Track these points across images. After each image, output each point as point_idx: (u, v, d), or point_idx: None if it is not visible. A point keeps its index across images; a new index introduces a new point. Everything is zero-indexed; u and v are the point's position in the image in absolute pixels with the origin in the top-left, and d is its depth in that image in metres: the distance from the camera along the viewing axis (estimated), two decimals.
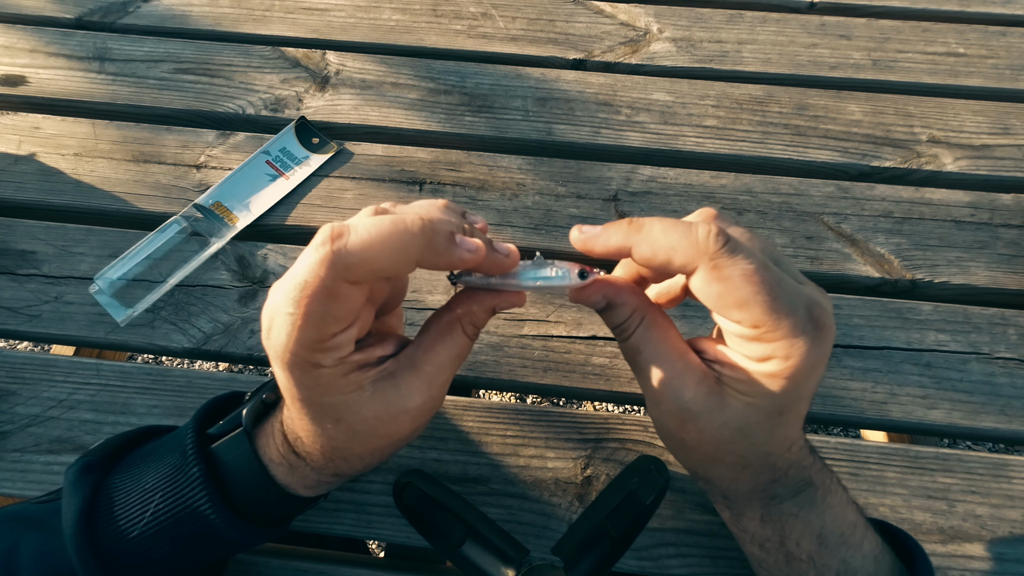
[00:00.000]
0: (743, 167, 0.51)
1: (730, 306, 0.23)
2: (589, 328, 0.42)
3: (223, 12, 0.60)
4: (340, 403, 0.24)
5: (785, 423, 0.25)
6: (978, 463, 0.38)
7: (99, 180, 0.48)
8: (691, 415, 0.25)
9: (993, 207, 0.48)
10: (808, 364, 0.23)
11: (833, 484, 0.27)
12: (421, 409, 0.25)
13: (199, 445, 0.27)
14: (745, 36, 0.59)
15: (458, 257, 0.23)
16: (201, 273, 0.44)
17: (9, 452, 0.37)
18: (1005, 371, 0.41)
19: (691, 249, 0.23)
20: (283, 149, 0.50)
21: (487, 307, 0.26)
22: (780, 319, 0.22)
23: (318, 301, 0.21)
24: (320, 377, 0.23)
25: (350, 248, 0.21)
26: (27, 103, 0.54)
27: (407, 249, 0.21)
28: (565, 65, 0.58)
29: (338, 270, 0.21)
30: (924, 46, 0.58)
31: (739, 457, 0.25)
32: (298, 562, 0.35)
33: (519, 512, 0.36)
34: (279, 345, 0.22)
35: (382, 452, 0.27)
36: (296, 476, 0.27)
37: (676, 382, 0.25)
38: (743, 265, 0.22)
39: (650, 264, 0.24)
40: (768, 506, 0.27)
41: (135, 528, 0.26)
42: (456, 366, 0.26)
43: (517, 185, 0.49)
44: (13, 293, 0.43)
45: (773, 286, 0.22)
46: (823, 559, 0.26)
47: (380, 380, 0.24)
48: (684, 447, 0.27)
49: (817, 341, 0.23)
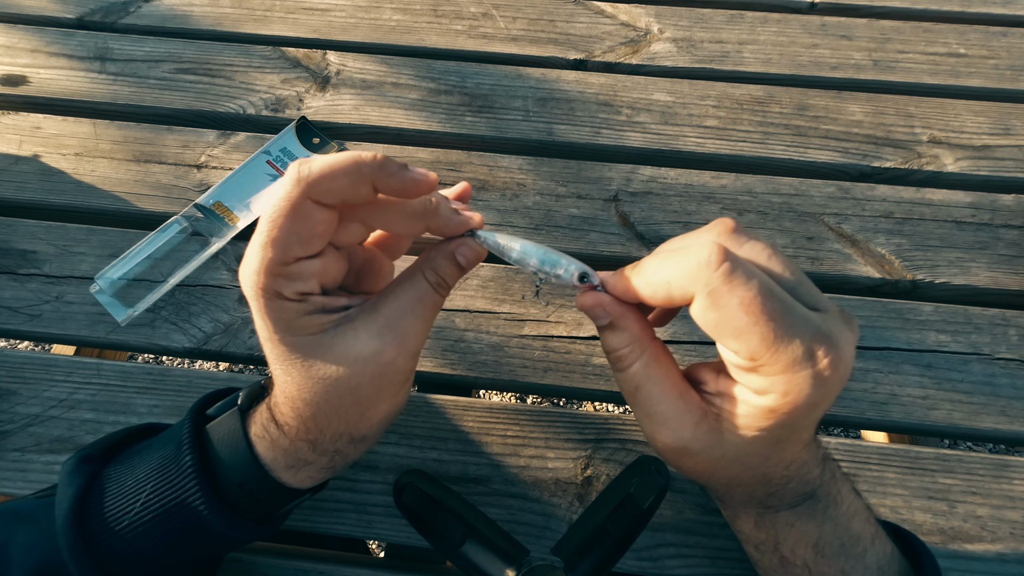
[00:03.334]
0: (744, 167, 0.51)
1: (727, 335, 0.22)
2: (589, 328, 0.42)
3: (224, 12, 0.60)
4: (304, 344, 0.24)
5: (782, 450, 0.24)
6: (979, 464, 0.38)
7: (100, 180, 0.49)
8: (688, 452, 0.25)
9: (994, 208, 0.48)
10: (808, 402, 0.21)
11: (840, 495, 0.27)
12: (381, 357, 0.24)
13: (195, 434, 0.27)
14: (746, 36, 0.59)
15: (410, 179, 0.24)
16: (202, 273, 0.44)
17: (9, 451, 0.37)
18: (1006, 372, 0.41)
19: (686, 278, 0.22)
20: (284, 149, 0.50)
21: (445, 252, 0.26)
22: (778, 353, 0.21)
23: (285, 218, 0.22)
24: (283, 310, 0.24)
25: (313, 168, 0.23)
26: (28, 103, 0.54)
27: (361, 169, 0.23)
28: (566, 65, 0.58)
29: (302, 187, 0.22)
30: (925, 46, 0.58)
31: (733, 477, 0.26)
32: (298, 562, 0.35)
33: (519, 512, 0.36)
34: (248, 269, 0.23)
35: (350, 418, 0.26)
36: (277, 451, 0.26)
37: (675, 422, 0.24)
38: (741, 292, 0.21)
39: (654, 302, 0.24)
40: (762, 514, 0.27)
41: (124, 519, 0.25)
42: (421, 313, 0.26)
43: (517, 185, 0.49)
44: (14, 293, 0.43)
45: (773, 316, 0.21)
46: (819, 567, 0.26)
47: (341, 324, 0.25)
48: (680, 469, 0.27)
49: (820, 379, 0.21)
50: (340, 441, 0.26)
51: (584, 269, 0.26)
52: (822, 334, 0.21)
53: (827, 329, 0.21)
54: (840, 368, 0.21)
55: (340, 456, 0.27)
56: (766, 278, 0.22)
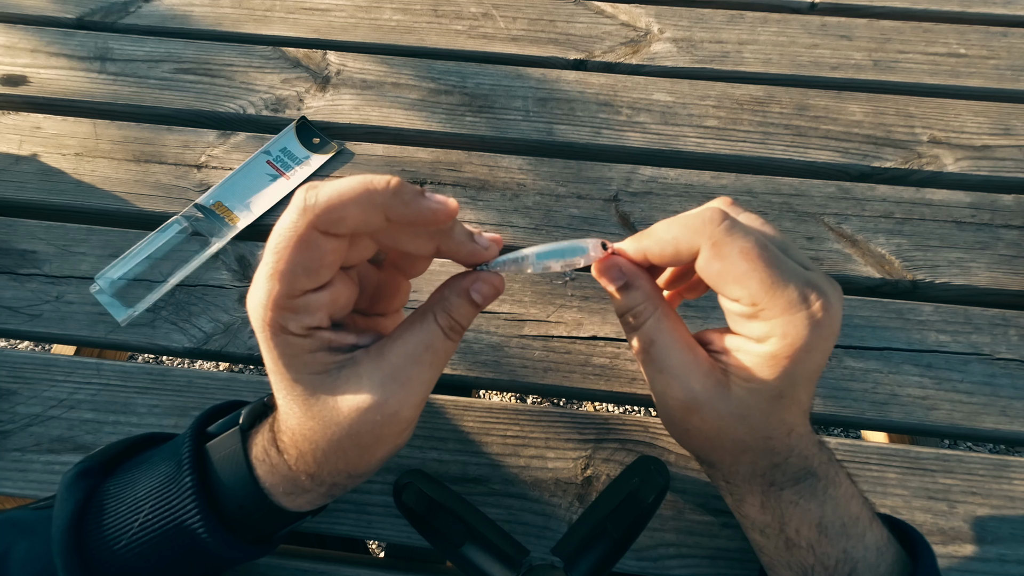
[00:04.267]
0: (744, 167, 0.51)
1: (729, 282, 0.24)
2: (589, 328, 0.42)
3: (224, 12, 0.60)
4: (307, 382, 0.24)
5: (783, 407, 0.25)
6: (979, 464, 0.38)
7: (100, 180, 0.49)
8: (697, 405, 0.26)
9: (994, 208, 0.48)
10: (806, 344, 0.23)
11: (838, 477, 0.28)
12: (384, 408, 0.23)
13: (195, 453, 0.26)
14: (746, 36, 0.59)
15: (426, 208, 0.22)
16: (202, 273, 0.44)
17: (10, 451, 0.37)
18: (1006, 372, 0.41)
19: (692, 234, 0.24)
20: (284, 149, 0.50)
21: (459, 290, 0.25)
22: (776, 296, 0.23)
23: (292, 249, 0.22)
24: (288, 345, 0.23)
25: (320, 196, 0.22)
26: (28, 103, 0.54)
27: (373, 197, 0.22)
28: (566, 65, 0.58)
29: (309, 217, 0.21)
30: (925, 47, 0.58)
31: (738, 442, 0.26)
32: (298, 562, 0.35)
33: (519, 512, 0.36)
34: (254, 302, 0.23)
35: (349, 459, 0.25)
36: (276, 477, 0.26)
37: (685, 374, 0.26)
38: (741, 243, 0.24)
39: (663, 260, 0.26)
40: (767, 492, 0.27)
41: (123, 538, 0.25)
42: (430, 361, 0.25)
43: (518, 185, 0.49)
44: (14, 293, 0.43)
45: (769, 264, 0.23)
46: (823, 547, 0.27)
47: (345, 367, 0.24)
48: (687, 433, 0.28)
49: (815, 321, 0.23)
50: (338, 476, 0.26)
51: (598, 240, 0.28)
52: (812, 283, 0.24)
53: (816, 280, 0.24)
54: (832, 313, 0.24)
55: (338, 488, 0.27)
56: (762, 234, 0.25)
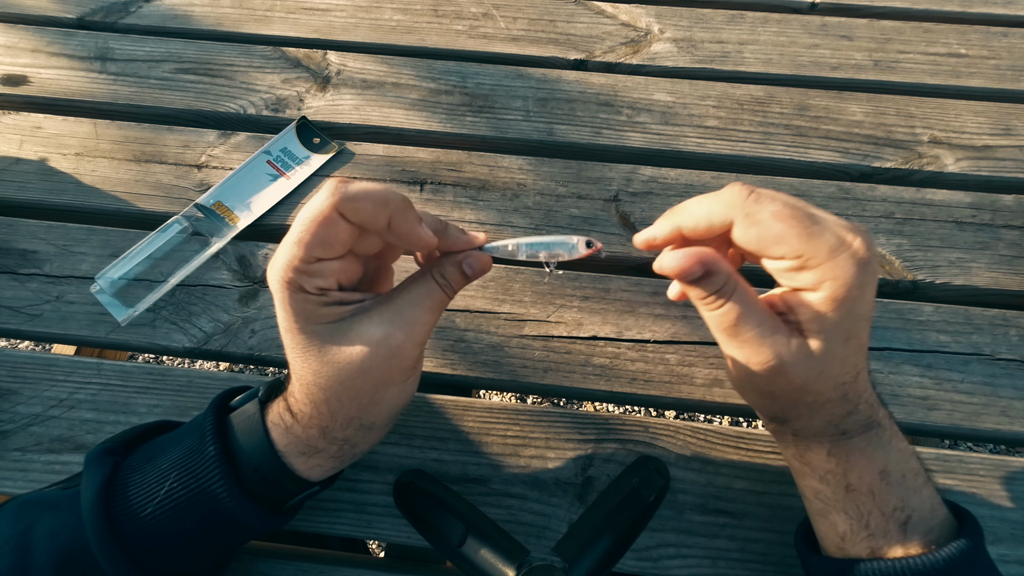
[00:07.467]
0: (744, 168, 0.51)
1: (770, 244, 0.26)
2: (589, 328, 0.42)
3: (224, 12, 0.60)
4: (321, 332, 0.27)
5: (852, 349, 0.27)
6: (979, 464, 0.37)
7: (100, 180, 0.49)
8: (785, 367, 0.27)
9: (994, 208, 0.48)
10: (857, 280, 0.25)
11: (899, 433, 0.29)
12: (391, 340, 0.27)
13: (217, 424, 0.28)
14: (746, 36, 0.59)
15: (416, 232, 0.27)
16: (202, 273, 0.44)
17: (10, 451, 0.37)
18: (1006, 372, 0.41)
19: (724, 207, 0.27)
20: (284, 149, 0.50)
21: (453, 261, 0.30)
22: (817, 243, 0.25)
23: (316, 223, 0.26)
24: (304, 301, 0.27)
25: (348, 187, 0.26)
26: (29, 103, 0.54)
27: (387, 204, 0.26)
28: (566, 65, 0.58)
29: (337, 201, 0.25)
30: (925, 47, 0.58)
31: (819, 394, 0.27)
32: (298, 562, 0.35)
33: (519, 512, 0.36)
34: (277, 264, 0.26)
35: (361, 401, 0.28)
36: (290, 438, 0.28)
37: (772, 340, 0.27)
38: (770, 207, 0.26)
39: (696, 233, 0.28)
40: (837, 441, 0.29)
41: (149, 506, 0.27)
42: (429, 306, 0.29)
43: (518, 185, 0.49)
44: (14, 292, 0.43)
45: (801, 218, 0.26)
46: (883, 494, 0.28)
47: (356, 313, 0.28)
48: (771, 396, 0.29)
49: (859, 258, 0.25)
50: (350, 427, 0.28)
51: (584, 238, 0.30)
52: (845, 226, 0.26)
53: (847, 224, 0.26)
54: (871, 249, 0.26)
55: (349, 445, 0.29)
56: (785, 198, 0.27)
